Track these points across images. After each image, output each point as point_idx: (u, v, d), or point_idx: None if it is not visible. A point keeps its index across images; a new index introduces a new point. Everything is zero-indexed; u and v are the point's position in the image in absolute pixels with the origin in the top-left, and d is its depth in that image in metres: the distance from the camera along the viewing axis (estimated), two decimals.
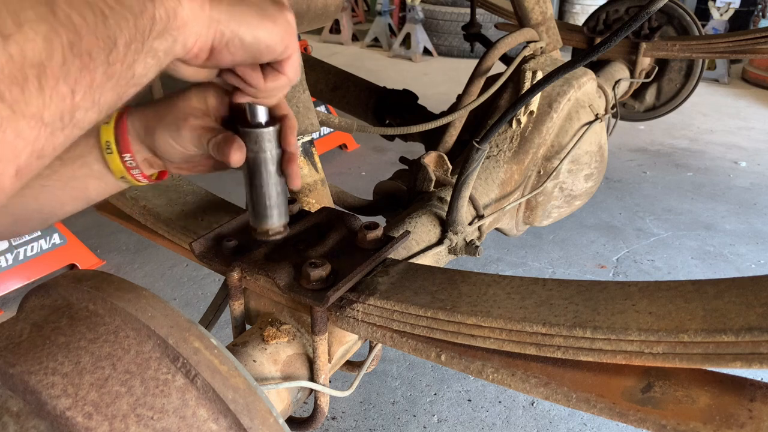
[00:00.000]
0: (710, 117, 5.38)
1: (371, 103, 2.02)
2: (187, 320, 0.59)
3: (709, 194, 3.81)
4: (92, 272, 0.64)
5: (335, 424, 2.01)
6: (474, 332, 0.69)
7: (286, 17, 0.56)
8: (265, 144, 0.66)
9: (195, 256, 0.85)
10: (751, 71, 6.49)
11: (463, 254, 1.19)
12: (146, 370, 0.53)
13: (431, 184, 1.28)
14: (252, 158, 0.67)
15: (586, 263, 3.01)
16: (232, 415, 0.54)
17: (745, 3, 7.13)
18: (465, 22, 2.55)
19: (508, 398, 2.13)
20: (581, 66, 1.06)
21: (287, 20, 0.56)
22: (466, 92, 1.50)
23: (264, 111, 0.66)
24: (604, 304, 0.65)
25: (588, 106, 1.55)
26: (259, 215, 0.72)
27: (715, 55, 2.36)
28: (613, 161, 4.10)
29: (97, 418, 0.49)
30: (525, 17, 1.66)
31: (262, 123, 0.66)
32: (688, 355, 0.57)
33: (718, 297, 0.59)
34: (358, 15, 9.64)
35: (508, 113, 0.94)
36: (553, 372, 0.68)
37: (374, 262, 0.81)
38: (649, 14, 0.72)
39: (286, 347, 0.81)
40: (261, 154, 0.67)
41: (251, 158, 0.67)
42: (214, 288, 2.68)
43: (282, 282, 0.76)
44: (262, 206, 0.71)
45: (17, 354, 0.52)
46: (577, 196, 1.61)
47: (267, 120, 0.66)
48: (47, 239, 2.64)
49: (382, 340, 0.78)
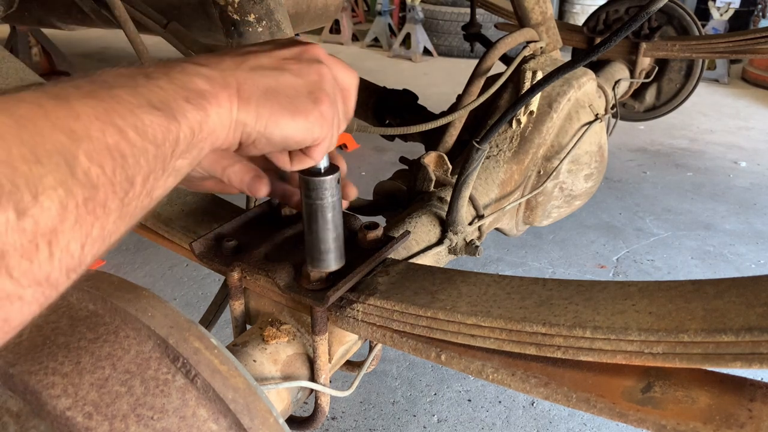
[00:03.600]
0: (710, 117, 5.38)
1: (371, 103, 2.02)
2: (187, 320, 0.59)
3: (709, 194, 3.81)
4: (92, 272, 0.64)
5: (335, 424, 2.01)
6: (474, 332, 0.69)
7: (320, 111, 0.53)
8: (324, 192, 0.66)
9: (195, 256, 0.85)
10: (751, 71, 6.48)
11: (463, 254, 1.19)
12: (146, 370, 0.53)
13: (431, 184, 1.28)
14: (309, 204, 0.67)
15: (586, 263, 3.01)
16: (232, 415, 0.54)
17: (745, 3, 7.13)
18: (465, 22, 2.55)
19: (508, 398, 2.13)
20: (581, 66, 1.06)
21: (321, 114, 0.53)
22: (466, 92, 1.50)
23: (326, 157, 0.64)
24: (604, 304, 0.65)
25: (588, 106, 1.55)
26: (315, 259, 0.73)
27: (715, 55, 2.37)
28: (613, 161, 4.10)
29: (97, 418, 0.49)
30: (525, 17, 1.66)
31: (322, 170, 0.65)
32: (688, 355, 0.57)
33: (718, 297, 0.59)
34: (358, 15, 9.63)
35: (508, 113, 0.94)
36: (553, 372, 0.68)
37: (374, 262, 0.81)
38: (649, 14, 0.72)
39: (286, 347, 0.81)
40: (319, 202, 0.67)
41: (309, 204, 0.67)
42: (214, 288, 2.68)
43: (282, 282, 0.76)
44: (318, 251, 0.72)
45: (17, 354, 0.52)
46: (577, 196, 1.61)
47: (327, 167, 0.65)
48: None
49: (382, 340, 0.78)
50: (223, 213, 1.03)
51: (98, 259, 0.39)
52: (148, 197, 0.41)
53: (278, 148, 0.54)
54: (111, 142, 0.36)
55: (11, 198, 0.30)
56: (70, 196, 0.34)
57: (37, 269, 0.33)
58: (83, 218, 0.35)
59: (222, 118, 0.46)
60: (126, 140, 0.37)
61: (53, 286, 0.35)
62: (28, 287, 0.32)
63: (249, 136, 0.50)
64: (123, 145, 0.37)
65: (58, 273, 0.35)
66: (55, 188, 0.33)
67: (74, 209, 0.34)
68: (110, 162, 0.36)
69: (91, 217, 0.35)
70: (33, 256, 0.32)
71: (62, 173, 0.33)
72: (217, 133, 0.46)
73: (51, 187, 0.32)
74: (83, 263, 0.37)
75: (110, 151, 0.36)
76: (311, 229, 0.70)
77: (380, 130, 1.31)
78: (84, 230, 0.35)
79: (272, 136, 0.51)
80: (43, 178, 0.32)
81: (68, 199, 0.33)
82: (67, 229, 0.34)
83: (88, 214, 0.35)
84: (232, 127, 0.48)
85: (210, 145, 0.46)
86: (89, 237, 0.36)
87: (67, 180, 0.33)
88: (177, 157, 0.42)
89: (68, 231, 0.34)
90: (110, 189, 0.36)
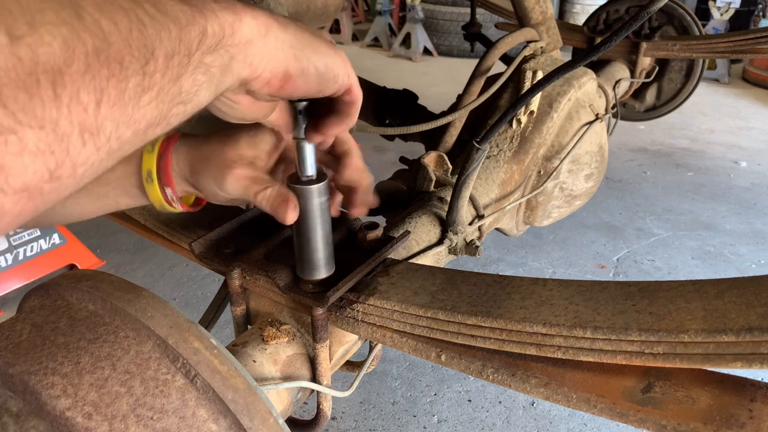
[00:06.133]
0: (710, 117, 5.37)
1: (371, 103, 2.02)
2: (187, 320, 0.59)
3: (710, 194, 3.81)
4: (92, 272, 0.64)
5: (335, 425, 2.01)
6: (474, 332, 0.69)
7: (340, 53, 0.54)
8: (314, 199, 0.66)
9: (195, 256, 0.85)
10: (751, 71, 6.48)
11: (463, 254, 1.19)
12: (146, 371, 0.53)
13: (431, 184, 1.28)
14: (299, 211, 0.66)
15: (587, 263, 3.00)
16: (232, 415, 0.54)
17: (745, 3, 7.13)
18: (465, 22, 2.55)
19: (508, 398, 2.13)
20: (581, 66, 1.06)
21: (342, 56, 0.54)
22: (466, 92, 1.50)
23: (314, 165, 0.65)
24: (604, 304, 0.65)
25: (588, 106, 1.55)
26: (305, 268, 0.73)
27: (715, 55, 2.36)
28: (614, 161, 4.10)
29: (97, 418, 0.49)
30: (525, 17, 1.66)
31: (313, 178, 0.65)
32: (688, 356, 0.57)
33: (719, 297, 0.59)
34: (358, 15, 9.63)
35: (508, 113, 0.94)
36: (553, 372, 0.67)
37: (374, 262, 0.81)
38: (650, 14, 0.72)
39: (286, 347, 0.81)
40: (308, 208, 0.67)
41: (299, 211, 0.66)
42: (214, 288, 2.68)
43: (282, 282, 0.76)
44: (307, 260, 0.72)
45: (17, 354, 0.52)
46: (577, 196, 1.61)
47: (317, 174, 0.66)
48: (47, 239, 2.64)
49: (382, 340, 0.78)
50: (223, 213, 1.03)
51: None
52: (175, 84, 0.38)
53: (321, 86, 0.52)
54: (123, 4, 0.34)
55: (2, 21, 0.28)
56: (77, 40, 0.31)
57: (39, 107, 0.30)
58: (96, 69, 0.32)
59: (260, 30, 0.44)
60: (142, 8, 0.35)
61: (63, 140, 0.32)
62: (27, 126, 0.29)
63: (298, 61, 0.48)
64: (139, 12, 0.35)
65: (68, 123, 0.31)
66: (56, 25, 0.30)
67: (83, 56, 0.31)
68: (125, 20, 0.34)
69: (105, 71, 0.33)
70: (33, 91, 0.29)
71: (66, 14, 0.31)
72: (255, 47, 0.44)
73: (52, 23, 0.30)
74: (101, 128, 0.34)
75: (124, 10, 0.34)
76: (300, 238, 0.70)
77: (380, 130, 1.31)
78: (98, 83, 0.33)
79: (318, 64, 0.50)
80: (43, 12, 0.30)
81: (75, 42, 0.31)
82: (75, 74, 0.31)
83: (101, 66, 0.32)
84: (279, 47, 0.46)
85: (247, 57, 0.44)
86: (105, 94, 0.33)
87: (71, 21, 0.31)
88: (205, 52, 0.40)
89: (77, 77, 0.31)
90: (126, 48, 0.34)
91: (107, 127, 0.34)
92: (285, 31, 0.47)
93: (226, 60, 0.43)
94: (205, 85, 0.42)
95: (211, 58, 0.41)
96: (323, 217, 0.68)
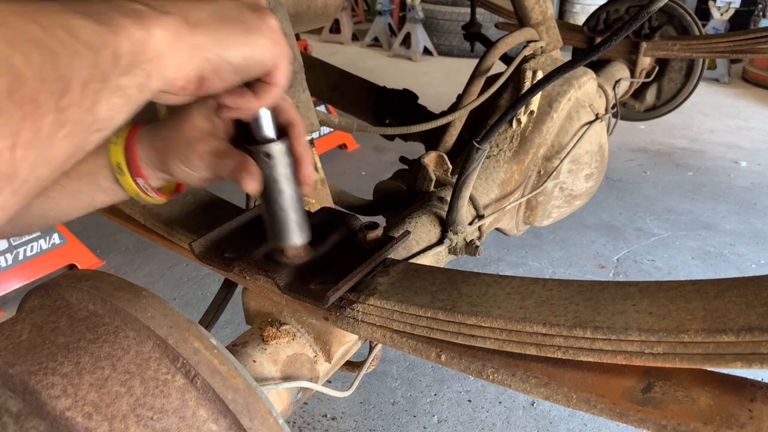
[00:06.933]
0: (710, 117, 5.37)
1: (371, 103, 2.02)
2: (187, 320, 0.59)
3: (710, 194, 3.81)
4: (92, 272, 0.64)
5: (335, 425, 2.01)
6: (474, 332, 0.69)
7: (269, 23, 0.50)
8: (274, 160, 0.62)
9: (195, 256, 0.85)
10: (751, 71, 6.48)
11: (463, 254, 1.19)
12: (146, 371, 0.53)
13: (431, 183, 1.28)
14: (263, 175, 0.63)
15: (587, 263, 3.00)
16: (231, 415, 0.54)
17: (745, 3, 7.13)
18: (465, 22, 2.55)
19: (508, 398, 2.13)
20: (581, 66, 1.06)
21: (271, 27, 0.50)
22: (466, 92, 1.50)
23: (270, 123, 0.61)
24: (604, 304, 0.65)
25: (588, 106, 1.55)
26: (275, 235, 0.69)
27: (715, 54, 2.36)
28: (614, 161, 4.10)
29: (97, 418, 0.49)
30: (525, 17, 1.66)
31: (270, 137, 0.61)
32: (688, 356, 0.57)
33: (719, 297, 0.59)
34: (358, 15, 9.63)
35: (508, 113, 0.94)
36: (553, 372, 0.67)
37: (374, 262, 0.81)
38: (650, 14, 0.72)
39: (286, 347, 0.81)
40: (271, 171, 0.63)
41: (263, 175, 0.63)
42: (214, 288, 2.67)
43: (282, 282, 0.76)
44: (277, 224, 0.68)
45: (17, 354, 0.52)
46: (577, 196, 1.61)
47: (275, 133, 0.62)
48: (47, 239, 2.64)
49: (382, 341, 0.78)
50: (223, 213, 1.03)
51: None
52: (91, 112, 0.37)
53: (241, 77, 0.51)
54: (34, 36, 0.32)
55: None
56: None
57: None
58: (9, 111, 0.31)
59: (170, 40, 0.43)
60: (53, 37, 0.33)
61: None
62: None
63: (210, 62, 0.46)
64: (51, 42, 0.33)
65: None
66: None
67: None
68: (37, 54, 0.32)
69: (19, 112, 0.31)
70: None
71: None
72: (166, 59, 0.43)
73: None
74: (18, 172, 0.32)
75: (35, 43, 0.32)
76: (268, 201, 0.66)
77: (380, 130, 1.31)
78: (12, 126, 0.31)
79: (233, 59, 0.48)
80: None
81: None
82: None
83: (15, 107, 0.31)
84: (187, 53, 0.45)
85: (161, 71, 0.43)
86: (20, 136, 0.31)
87: None
88: (120, 74, 0.39)
89: None
90: (40, 84, 0.32)
91: (23, 170, 0.33)
92: (195, 34, 0.45)
93: (143, 79, 0.42)
94: (123, 109, 0.41)
95: (126, 80, 0.40)
96: (289, 178, 0.64)
